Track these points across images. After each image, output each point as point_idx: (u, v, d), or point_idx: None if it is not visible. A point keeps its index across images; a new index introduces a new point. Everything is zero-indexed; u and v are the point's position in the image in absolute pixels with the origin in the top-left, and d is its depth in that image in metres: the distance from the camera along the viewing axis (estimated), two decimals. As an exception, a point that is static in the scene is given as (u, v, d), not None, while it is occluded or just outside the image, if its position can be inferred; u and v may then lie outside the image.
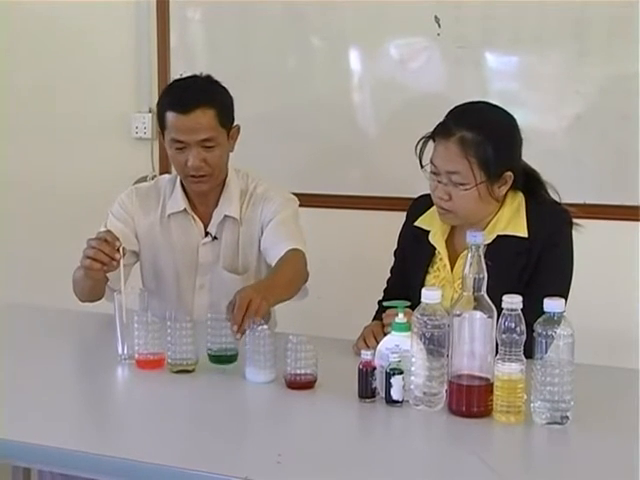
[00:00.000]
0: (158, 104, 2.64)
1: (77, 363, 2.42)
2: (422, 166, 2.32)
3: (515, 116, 2.35)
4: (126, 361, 2.24)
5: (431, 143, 2.32)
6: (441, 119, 2.32)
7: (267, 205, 2.65)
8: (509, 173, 2.29)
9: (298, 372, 2.05)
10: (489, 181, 2.26)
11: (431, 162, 2.30)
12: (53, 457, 1.79)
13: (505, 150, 2.28)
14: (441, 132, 2.28)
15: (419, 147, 2.33)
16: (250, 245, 2.67)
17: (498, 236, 2.31)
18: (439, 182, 2.29)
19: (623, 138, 3.07)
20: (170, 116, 2.54)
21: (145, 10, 3.61)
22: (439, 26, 3.21)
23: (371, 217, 3.39)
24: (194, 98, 2.52)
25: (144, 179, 3.43)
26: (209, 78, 2.63)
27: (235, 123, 2.64)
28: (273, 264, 2.52)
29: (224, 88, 2.62)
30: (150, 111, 3.66)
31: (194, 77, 2.64)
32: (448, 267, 2.38)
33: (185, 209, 2.67)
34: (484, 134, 2.23)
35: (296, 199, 2.72)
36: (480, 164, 2.24)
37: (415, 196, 2.54)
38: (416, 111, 3.27)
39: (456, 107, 2.35)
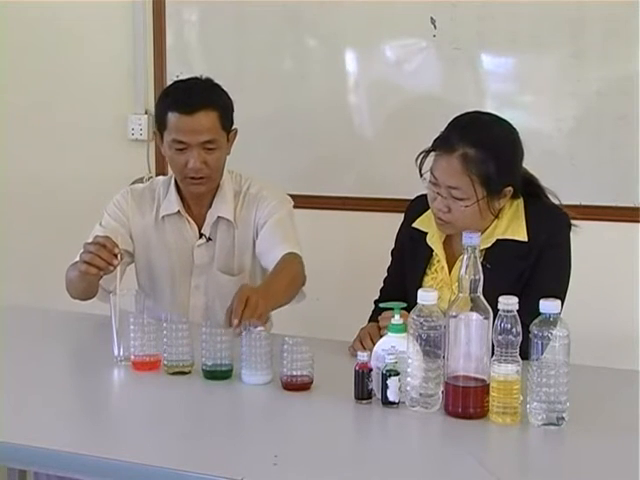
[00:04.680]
0: (158, 105, 2.63)
1: (73, 365, 2.41)
2: (421, 175, 2.32)
3: (511, 117, 2.35)
4: (122, 363, 2.23)
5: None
6: (437, 121, 2.32)
7: (261, 206, 2.65)
8: (509, 188, 2.29)
9: (294, 374, 2.05)
10: (489, 197, 2.26)
11: (431, 173, 2.29)
12: (49, 459, 1.78)
13: (507, 167, 2.27)
14: (443, 146, 2.26)
15: (419, 160, 2.31)
16: (245, 247, 2.68)
17: (498, 240, 2.31)
18: (438, 194, 2.29)
19: (620, 139, 3.07)
20: (172, 117, 2.53)
21: (141, 11, 3.61)
22: (435, 27, 3.21)
23: (367, 218, 3.38)
24: (198, 99, 2.53)
25: (140, 180, 3.42)
26: (210, 81, 2.63)
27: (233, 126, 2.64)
28: (270, 268, 2.52)
29: (225, 91, 2.62)
30: (146, 112, 3.66)
31: (195, 79, 2.64)
32: (446, 269, 2.38)
33: (179, 211, 2.67)
34: (487, 151, 2.22)
35: (290, 199, 2.73)
36: (482, 181, 2.23)
37: (411, 197, 2.54)
38: (412, 112, 3.28)
39: (458, 118, 2.33)
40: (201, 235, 2.68)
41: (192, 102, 2.52)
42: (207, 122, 2.53)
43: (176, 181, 2.68)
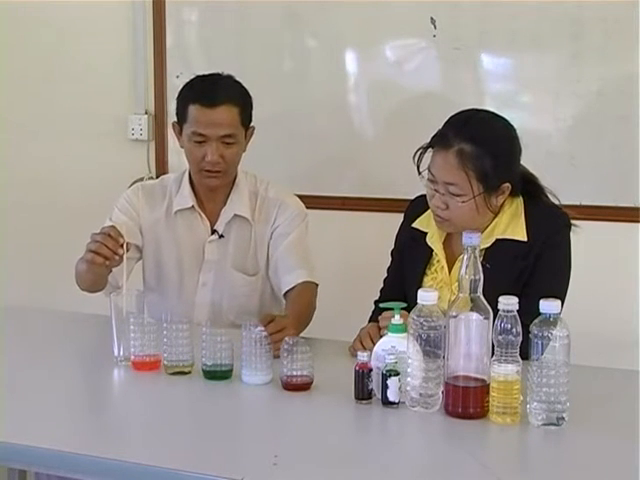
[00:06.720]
0: (179, 97, 2.65)
1: (73, 365, 2.41)
2: (419, 173, 2.32)
3: (511, 118, 2.35)
4: (122, 363, 2.24)
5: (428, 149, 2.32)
6: (437, 121, 2.32)
7: (282, 213, 2.68)
8: (507, 184, 2.29)
9: (294, 374, 2.05)
10: (486, 193, 2.26)
11: (429, 170, 2.29)
12: (49, 459, 1.78)
13: (504, 163, 2.27)
14: (440, 142, 2.27)
15: (417, 156, 2.32)
16: (261, 246, 2.70)
17: (497, 240, 2.31)
18: (436, 191, 2.29)
19: (620, 139, 3.07)
20: (194, 109, 2.57)
21: (141, 11, 3.61)
22: (435, 27, 3.21)
23: (367, 218, 3.38)
24: (221, 94, 2.57)
25: (140, 181, 3.42)
26: (232, 77, 2.66)
27: None
28: (282, 287, 2.59)
29: (245, 88, 2.65)
30: (146, 113, 3.65)
31: (218, 75, 2.66)
32: (446, 269, 2.38)
33: (193, 206, 2.69)
34: (483, 147, 2.22)
35: (305, 210, 2.74)
36: (478, 177, 2.23)
37: (411, 198, 2.54)
38: (412, 112, 3.27)
39: (455, 116, 2.33)
40: (213, 231, 2.69)
41: (215, 96, 2.56)
42: (228, 116, 2.57)
43: (190, 177, 2.70)
